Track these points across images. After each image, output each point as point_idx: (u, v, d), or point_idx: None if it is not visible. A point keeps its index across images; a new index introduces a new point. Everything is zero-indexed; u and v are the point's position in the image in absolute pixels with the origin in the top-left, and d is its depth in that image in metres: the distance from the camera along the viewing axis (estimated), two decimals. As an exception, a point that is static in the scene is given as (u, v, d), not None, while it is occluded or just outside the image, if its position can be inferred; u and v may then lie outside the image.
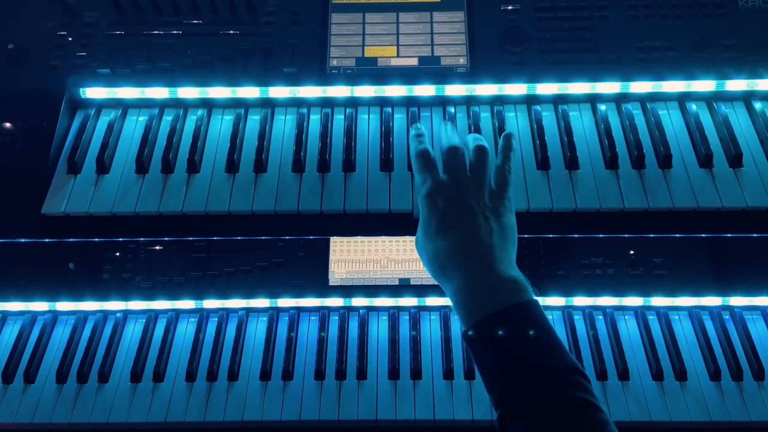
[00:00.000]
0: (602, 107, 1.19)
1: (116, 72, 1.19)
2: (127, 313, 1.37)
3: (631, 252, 1.34)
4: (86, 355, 1.29)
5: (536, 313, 0.74)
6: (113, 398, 1.24)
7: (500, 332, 0.73)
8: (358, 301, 1.35)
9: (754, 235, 1.12)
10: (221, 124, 1.21)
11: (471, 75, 1.19)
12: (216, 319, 1.35)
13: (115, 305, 1.36)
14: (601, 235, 1.26)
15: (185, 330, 1.34)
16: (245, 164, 1.14)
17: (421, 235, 0.83)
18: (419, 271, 1.35)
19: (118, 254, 1.36)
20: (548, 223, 1.09)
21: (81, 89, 1.20)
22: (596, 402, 0.69)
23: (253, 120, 1.20)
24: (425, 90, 1.20)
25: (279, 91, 1.20)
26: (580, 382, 0.70)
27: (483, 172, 0.84)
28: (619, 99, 1.20)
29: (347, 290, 1.34)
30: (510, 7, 1.23)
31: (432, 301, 1.35)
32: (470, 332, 0.75)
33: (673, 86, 1.19)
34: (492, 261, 0.77)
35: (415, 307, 1.35)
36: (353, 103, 1.22)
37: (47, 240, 1.18)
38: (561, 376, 0.70)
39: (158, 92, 1.20)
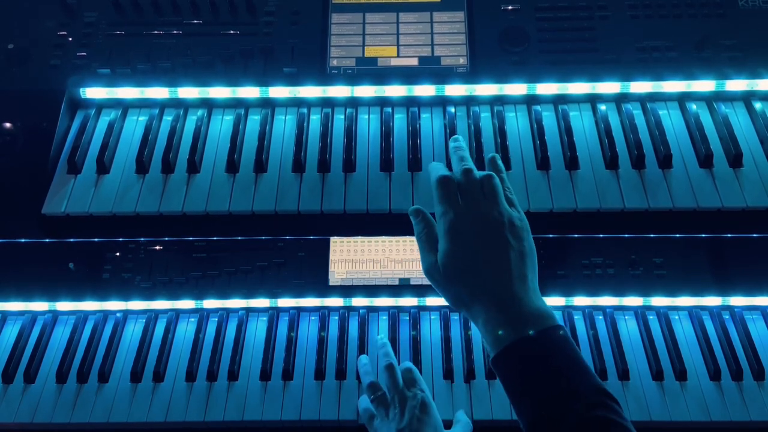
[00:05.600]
0: (602, 107, 1.19)
1: (116, 72, 1.19)
2: (127, 313, 1.37)
3: (631, 252, 1.34)
4: (86, 355, 1.29)
5: (564, 338, 0.75)
6: (113, 398, 1.24)
7: (526, 357, 0.74)
8: (358, 301, 1.35)
9: (754, 235, 1.13)
10: (221, 124, 1.21)
11: (471, 75, 1.19)
12: (216, 319, 1.35)
13: (115, 305, 1.35)
14: (601, 235, 1.26)
15: (185, 330, 1.34)
16: (245, 164, 1.14)
17: (443, 269, 0.81)
18: (419, 271, 1.35)
19: (118, 254, 1.36)
20: (548, 223, 1.09)
21: (81, 89, 1.20)
22: (623, 422, 0.70)
23: (253, 120, 1.20)
24: (425, 90, 1.20)
25: (279, 91, 1.20)
26: (605, 402, 0.71)
27: (497, 199, 0.83)
28: (619, 99, 1.20)
29: (347, 290, 1.34)
30: (510, 7, 1.23)
31: (432, 301, 1.35)
32: (499, 359, 0.76)
33: (673, 86, 1.19)
34: (517, 290, 0.78)
35: (415, 307, 1.35)
36: (353, 103, 1.22)
37: (47, 240, 1.18)
38: (585, 398, 0.71)
39: (158, 92, 1.20)
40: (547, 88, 1.19)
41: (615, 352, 1.27)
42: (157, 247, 1.37)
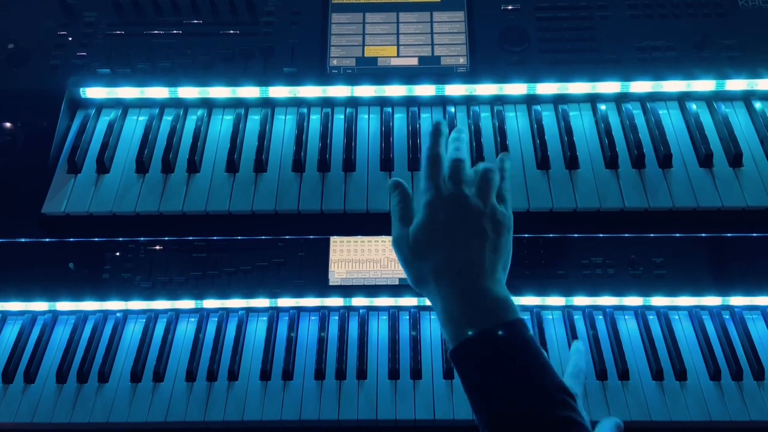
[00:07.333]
0: (602, 107, 1.19)
1: (116, 72, 1.19)
2: (127, 313, 1.37)
3: (631, 252, 1.34)
4: (86, 355, 1.29)
5: (524, 332, 0.74)
6: (113, 398, 1.24)
7: (489, 350, 0.72)
8: (358, 301, 1.35)
9: (754, 235, 1.13)
10: (221, 124, 1.21)
11: (471, 75, 1.19)
12: (216, 319, 1.35)
13: (115, 305, 1.35)
14: (601, 235, 1.26)
15: (185, 330, 1.34)
16: (245, 164, 1.14)
17: (412, 240, 0.81)
18: (419, 271, 1.35)
19: (118, 254, 1.36)
20: (548, 222, 1.09)
21: (81, 89, 1.20)
22: (582, 421, 0.69)
23: (253, 120, 1.20)
24: (425, 90, 1.20)
25: (279, 91, 1.20)
26: (567, 401, 0.70)
27: (488, 191, 0.82)
28: (619, 99, 1.20)
29: (347, 290, 1.34)
30: (510, 7, 1.23)
31: (432, 301, 1.34)
32: (458, 350, 0.74)
33: (673, 86, 1.19)
34: (483, 280, 0.76)
35: (415, 307, 1.35)
36: (353, 103, 1.22)
37: (47, 240, 1.18)
38: (549, 395, 0.70)
39: (158, 92, 1.21)
40: (547, 88, 1.19)
41: (615, 352, 1.27)
42: (157, 247, 1.37)
